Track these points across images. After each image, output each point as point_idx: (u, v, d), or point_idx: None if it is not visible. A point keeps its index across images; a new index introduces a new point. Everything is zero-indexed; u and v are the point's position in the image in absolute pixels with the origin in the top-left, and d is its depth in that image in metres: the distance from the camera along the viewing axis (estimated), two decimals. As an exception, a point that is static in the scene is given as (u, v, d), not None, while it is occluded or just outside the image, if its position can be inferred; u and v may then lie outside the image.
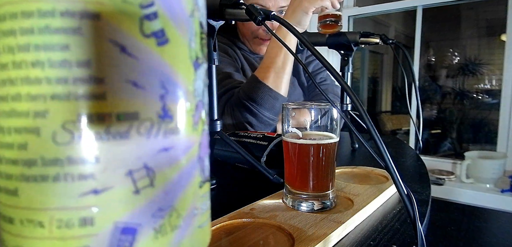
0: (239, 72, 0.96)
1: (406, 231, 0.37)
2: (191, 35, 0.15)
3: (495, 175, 1.86)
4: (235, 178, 0.59)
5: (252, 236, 0.34)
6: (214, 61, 0.55)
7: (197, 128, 0.16)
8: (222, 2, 0.49)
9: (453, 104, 2.90)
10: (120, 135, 0.13)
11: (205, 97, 0.17)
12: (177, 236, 0.14)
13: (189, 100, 0.15)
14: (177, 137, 0.14)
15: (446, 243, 1.43)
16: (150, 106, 0.13)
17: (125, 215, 0.13)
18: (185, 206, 0.15)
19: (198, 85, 0.16)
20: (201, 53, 0.16)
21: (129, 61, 0.13)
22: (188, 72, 0.15)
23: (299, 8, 0.74)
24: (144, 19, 0.13)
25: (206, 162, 0.16)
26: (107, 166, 0.13)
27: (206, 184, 0.17)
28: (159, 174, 0.14)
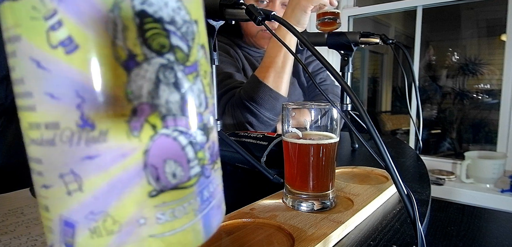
0: (240, 72, 0.96)
1: (406, 231, 0.37)
2: (115, 32, 0.13)
3: (495, 175, 1.86)
4: (235, 178, 0.59)
5: (252, 236, 0.34)
6: (214, 61, 0.55)
7: (138, 135, 0.14)
8: (222, 2, 0.49)
9: (453, 104, 2.90)
10: (49, 142, 0.14)
11: (161, 98, 0.14)
12: (115, 240, 0.15)
13: (118, 106, 0.13)
14: (103, 146, 0.14)
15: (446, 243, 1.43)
16: (68, 115, 0.13)
17: (64, 211, 0.14)
18: (123, 214, 0.14)
19: (136, 86, 0.14)
20: (142, 48, 0.14)
21: (45, 75, 0.13)
22: (113, 75, 0.13)
23: (297, 7, 0.74)
24: (50, 30, 0.13)
25: (167, 169, 0.15)
26: (47, 168, 0.14)
27: (171, 192, 0.15)
28: (86, 180, 0.14)
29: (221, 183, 0.19)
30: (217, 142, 0.18)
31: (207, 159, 0.16)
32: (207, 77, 0.17)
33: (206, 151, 0.16)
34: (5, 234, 0.35)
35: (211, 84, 0.17)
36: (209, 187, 0.17)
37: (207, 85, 0.17)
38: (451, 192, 1.93)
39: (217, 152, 0.18)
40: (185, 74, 0.15)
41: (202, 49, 0.16)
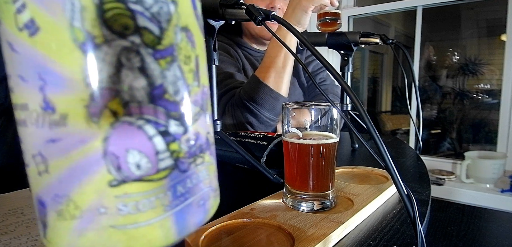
0: (241, 72, 0.96)
1: (406, 231, 0.37)
2: (73, 14, 0.13)
3: (495, 175, 1.86)
4: (235, 178, 0.59)
5: (252, 236, 0.34)
6: (214, 61, 0.55)
7: (97, 121, 0.13)
8: (222, 2, 0.49)
9: (453, 104, 2.90)
10: (23, 123, 0.14)
11: (124, 83, 0.13)
12: (78, 226, 0.14)
13: (77, 90, 0.13)
14: (64, 130, 0.13)
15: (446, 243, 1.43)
16: (34, 98, 0.14)
17: (38, 190, 0.15)
18: (84, 201, 0.14)
19: (96, 70, 0.13)
20: (101, 29, 0.13)
21: (15, 57, 0.14)
22: (71, 58, 0.13)
23: (298, 7, 0.74)
24: (16, 13, 0.13)
25: (130, 159, 0.14)
26: (25, 147, 0.15)
27: (134, 184, 0.14)
28: (52, 163, 0.14)
29: (210, 179, 0.17)
30: (205, 134, 0.16)
31: (183, 152, 0.15)
32: (190, 63, 0.15)
33: (183, 143, 0.15)
34: (5, 234, 0.35)
35: (197, 71, 0.16)
36: (186, 182, 0.16)
37: (190, 71, 0.15)
38: (451, 192, 1.93)
39: (204, 146, 0.16)
40: (155, 59, 0.14)
41: (183, 31, 0.15)
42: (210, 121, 0.18)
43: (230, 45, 1.01)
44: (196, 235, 0.33)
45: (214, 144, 0.18)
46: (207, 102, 0.17)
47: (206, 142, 0.16)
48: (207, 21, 0.52)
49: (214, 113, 0.58)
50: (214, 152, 0.18)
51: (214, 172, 0.18)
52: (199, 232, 0.34)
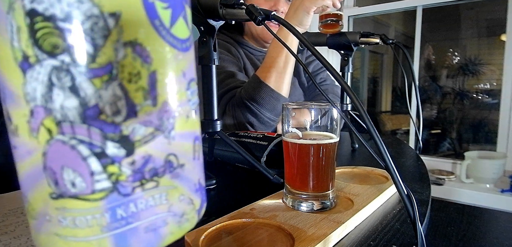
0: (242, 71, 0.96)
1: (406, 231, 0.37)
2: (12, 34, 0.13)
3: (495, 175, 1.86)
4: (235, 178, 0.59)
5: (252, 236, 0.34)
6: (214, 61, 0.55)
7: (36, 137, 0.14)
8: (222, 2, 0.49)
9: (453, 104, 2.90)
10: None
11: (56, 102, 0.13)
12: (35, 226, 0.15)
13: (21, 105, 0.14)
14: (18, 140, 0.14)
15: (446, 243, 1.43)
16: (3, 108, 0.15)
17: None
18: (36, 206, 0.15)
19: (31, 88, 0.13)
20: (33, 49, 0.13)
21: None
22: (13, 75, 0.13)
23: (300, 8, 0.74)
24: None
25: (66, 176, 0.14)
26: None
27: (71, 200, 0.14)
28: (17, 166, 0.15)
29: (169, 204, 0.16)
30: (165, 157, 0.15)
31: (126, 175, 0.14)
32: (140, 81, 0.14)
33: (125, 167, 0.14)
34: (5, 234, 0.35)
35: (152, 89, 0.14)
36: (128, 206, 0.15)
37: (138, 90, 0.14)
38: (451, 192, 1.93)
39: (160, 169, 0.15)
40: (88, 78, 0.13)
41: (129, 46, 0.14)
42: (184, 140, 0.16)
43: (231, 44, 1.01)
44: (196, 235, 0.33)
45: (184, 166, 0.16)
46: (173, 121, 0.15)
47: (164, 165, 0.15)
48: (207, 21, 0.52)
49: (214, 113, 0.58)
50: (186, 174, 0.16)
51: (179, 196, 0.16)
52: (199, 232, 0.34)
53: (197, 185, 0.17)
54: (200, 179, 0.18)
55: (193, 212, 0.17)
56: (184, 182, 0.16)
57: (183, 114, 0.16)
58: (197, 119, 0.18)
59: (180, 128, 0.16)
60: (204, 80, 0.56)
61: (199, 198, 0.18)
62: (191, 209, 0.17)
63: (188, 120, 0.16)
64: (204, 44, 0.55)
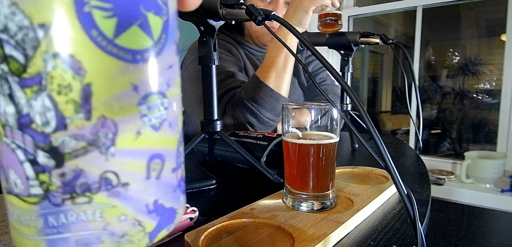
0: (242, 71, 0.96)
1: (406, 231, 0.37)
2: None
3: (495, 175, 1.86)
4: (235, 178, 0.59)
5: (252, 236, 0.34)
6: (214, 61, 0.55)
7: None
8: (222, 2, 0.49)
9: (453, 104, 2.90)
10: None
11: (1, 107, 0.14)
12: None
13: None
14: None
15: (446, 243, 1.43)
16: None
17: None
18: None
19: None
20: None
21: None
22: None
23: (299, 8, 0.74)
24: None
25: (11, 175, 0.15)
26: None
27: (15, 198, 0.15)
28: None
29: (105, 223, 0.15)
30: (100, 174, 0.15)
31: (56, 186, 0.14)
32: (71, 93, 0.14)
33: (54, 177, 0.14)
34: (5, 234, 0.35)
35: (85, 102, 0.14)
36: (59, 216, 0.15)
37: (68, 102, 0.14)
38: (451, 192, 1.93)
39: (94, 186, 0.15)
40: (20, 87, 0.14)
41: (58, 58, 0.14)
42: (130, 158, 0.15)
43: (232, 44, 1.01)
44: (196, 235, 0.33)
45: (129, 185, 0.15)
46: (113, 137, 0.14)
47: (99, 182, 0.15)
48: (207, 21, 0.52)
49: (214, 113, 0.58)
50: (131, 194, 0.15)
51: (120, 215, 0.15)
52: (199, 232, 0.34)
53: (151, 207, 0.16)
54: (160, 200, 0.16)
55: (140, 234, 0.16)
56: (127, 202, 0.15)
57: (131, 131, 0.15)
58: (162, 135, 0.16)
59: (125, 145, 0.15)
60: (204, 80, 0.56)
61: (154, 220, 0.16)
62: (137, 231, 0.16)
63: (138, 137, 0.15)
64: (204, 44, 0.55)
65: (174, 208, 0.17)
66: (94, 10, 0.13)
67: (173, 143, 0.17)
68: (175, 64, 0.17)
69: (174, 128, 0.17)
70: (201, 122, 0.58)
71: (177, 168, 0.18)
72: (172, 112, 0.17)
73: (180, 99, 0.18)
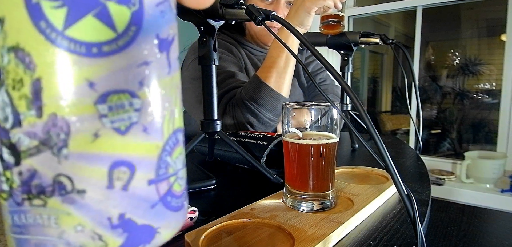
0: (243, 71, 0.96)
1: (406, 231, 0.37)
2: None
3: (495, 175, 1.86)
4: (235, 178, 0.59)
5: (252, 236, 0.34)
6: (214, 61, 0.55)
7: None
8: (222, 2, 0.49)
9: (453, 104, 2.90)
10: None
11: None
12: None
13: None
14: None
15: (446, 243, 1.43)
16: None
17: None
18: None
19: None
20: None
21: None
22: None
23: (301, 8, 0.74)
24: None
25: None
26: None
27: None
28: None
29: (60, 231, 0.14)
30: (53, 176, 0.14)
31: (16, 184, 0.14)
32: (23, 88, 0.13)
33: (15, 175, 0.14)
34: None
35: (36, 99, 0.13)
36: (21, 216, 0.14)
37: (21, 98, 0.13)
38: (451, 192, 1.93)
39: (48, 189, 0.14)
40: None
41: (12, 52, 0.13)
42: (85, 163, 0.14)
43: (233, 44, 1.01)
44: (196, 235, 0.33)
45: (85, 193, 0.14)
46: (66, 138, 0.13)
47: (52, 185, 0.14)
48: (207, 21, 0.52)
49: (214, 113, 0.58)
50: (88, 203, 0.14)
51: (76, 225, 0.14)
52: (199, 232, 0.34)
53: (115, 221, 0.14)
54: (128, 214, 0.15)
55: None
56: (84, 211, 0.14)
57: (86, 132, 0.13)
58: (131, 140, 0.14)
59: (79, 147, 0.14)
60: (204, 80, 0.56)
61: (119, 237, 0.14)
62: (96, 245, 0.14)
63: (96, 139, 0.14)
64: (204, 44, 0.55)
65: (151, 226, 0.15)
66: (41, 1, 0.13)
67: (150, 150, 0.15)
68: (155, 61, 0.15)
69: (152, 133, 0.15)
70: (201, 122, 0.58)
71: (159, 181, 0.15)
72: (147, 115, 0.15)
73: (170, 100, 0.16)
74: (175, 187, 0.16)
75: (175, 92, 0.16)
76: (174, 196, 0.16)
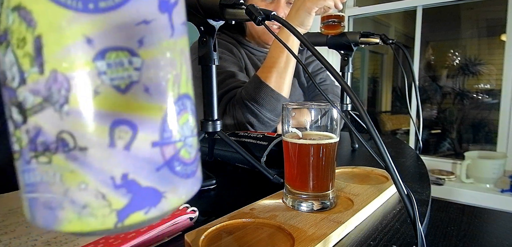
0: (243, 71, 0.96)
1: (406, 231, 0.37)
2: None
3: (495, 175, 1.86)
4: (235, 178, 0.59)
5: (252, 236, 0.34)
6: (214, 61, 0.55)
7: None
8: (222, 2, 0.49)
9: (453, 104, 2.90)
10: None
11: None
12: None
13: None
14: None
15: (446, 243, 1.43)
16: None
17: None
18: None
19: None
20: None
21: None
22: None
23: (302, 8, 0.74)
24: None
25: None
26: None
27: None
28: None
29: (65, 188, 0.14)
30: (56, 133, 0.14)
31: (24, 142, 0.14)
32: (25, 46, 0.14)
33: (23, 133, 0.14)
34: (5, 234, 0.35)
35: (38, 55, 0.14)
36: (30, 174, 0.15)
37: (25, 56, 0.14)
38: (451, 192, 1.93)
39: (52, 145, 0.14)
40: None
41: (15, 11, 0.13)
42: (86, 120, 0.14)
43: (233, 44, 1.01)
44: (196, 235, 0.33)
45: (87, 151, 0.14)
46: (66, 94, 0.14)
47: (56, 142, 0.14)
48: (207, 21, 0.52)
49: (214, 113, 0.58)
50: (90, 161, 0.14)
51: (79, 183, 0.14)
52: (199, 232, 0.34)
53: (118, 180, 0.14)
54: (131, 174, 0.14)
55: (105, 209, 0.14)
56: (87, 169, 0.14)
57: (86, 88, 0.14)
58: (131, 99, 0.14)
59: (79, 104, 0.14)
60: (204, 80, 0.56)
61: (123, 197, 0.14)
62: (100, 204, 0.14)
63: (96, 96, 0.14)
64: (204, 44, 0.55)
65: (157, 189, 0.15)
66: None
67: (152, 111, 0.15)
68: (155, 20, 0.14)
69: (154, 95, 0.15)
70: (201, 122, 0.58)
71: (164, 144, 0.15)
72: (149, 76, 0.14)
73: (174, 64, 0.15)
74: (183, 153, 0.16)
75: (180, 57, 0.16)
76: (181, 162, 0.16)
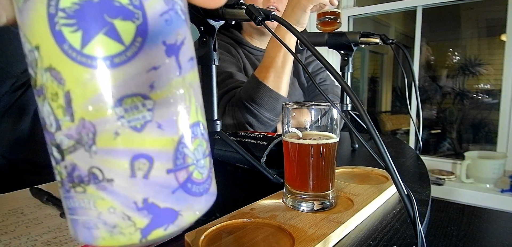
0: (242, 71, 0.96)
1: (406, 231, 0.37)
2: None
3: (495, 175, 1.86)
4: (235, 178, 0.59)
5: (252, 236, 0.34)
6: (214, 61, 0.55)
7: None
8: (222, 2, 0.49)
9: (453, 104, 2.90)
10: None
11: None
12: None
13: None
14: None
15: (446, 243, 1.43)
16: None
17: None
18: None
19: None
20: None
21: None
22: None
23: (297, 6, 0.74)
24: None
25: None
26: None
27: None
28: None
29: (98, 212, 0.17)
30: (88, 168, 0.17)
31: (64, 175, 0.17)
32: (58, 99, 0.16)
33: (62, 168, 0.17)
34: (5, 234, 0.35)
35: (68, 106, 0.16)
36: (70, 201, 0.17)
37: (58, 107, 0.16)
38: (451, 192, 1.93)
39: (85, 178, 0.17)
40: (36, 96, 0.17)
41: (48, 71, 0.16)
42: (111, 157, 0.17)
43: (231, 44, 1.01)
44: (196, 235, 0.33)
45: (114, 182, 0.17)
46: (93, 137, 0.16)
47: (88, 176, 0.17)
48: (207, 21, 0.52)
49: (214, 113, 0.58)
50: (116, 190, 0.17)
51: (109, 207, 0.17)
52: (199, 232, 0.34)
53: (140, 204, 0.17)
54: (151, 199, 0.17)
55: (131, 228, 0.17)
56: (115, 197, 0.17)
57: (108, 131, 0.16)
58: (147, 136, 0.17)
59: (105, 144, 0.16)
60: (204, 80, 0.56)
61: (145, 218, 0.17)
62: (127, 224, 0.17)
63: (117, 137, 0.16)
64: (204, 44, 0.55)
65: (174, 209, 0.18)
66: (63, 27, 0.16)
67: (165, 144, 0.17)
68: (163, 65, 0.17)
69: (166, 129, 0.17)
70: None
71: (177, 170, 0.18)
72: (161, 113, 0.17)
73: (183, 99, 0.18)
74: (195, 175, 0.18)
75: (188, 90, 0.18)
76: (194, 183, 0.18)
